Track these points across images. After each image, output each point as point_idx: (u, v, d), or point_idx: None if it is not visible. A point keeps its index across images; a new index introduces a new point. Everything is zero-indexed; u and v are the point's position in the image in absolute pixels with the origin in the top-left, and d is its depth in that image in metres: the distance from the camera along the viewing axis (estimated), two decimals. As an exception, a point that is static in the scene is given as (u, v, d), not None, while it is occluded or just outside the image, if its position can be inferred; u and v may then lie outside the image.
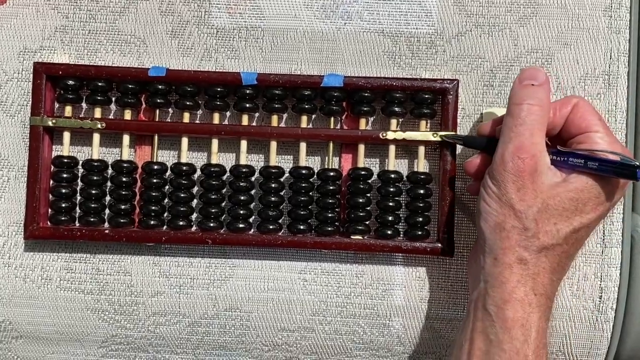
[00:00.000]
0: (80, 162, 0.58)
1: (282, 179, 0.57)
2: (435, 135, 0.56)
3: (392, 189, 0.56)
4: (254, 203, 0.58)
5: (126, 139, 0.58)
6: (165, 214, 0.58)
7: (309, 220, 0.57)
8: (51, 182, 0.58)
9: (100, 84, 0.57)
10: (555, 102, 0.52)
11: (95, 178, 0.57)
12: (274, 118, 0.57)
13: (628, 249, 0.58)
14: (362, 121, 0.58)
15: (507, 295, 0.48)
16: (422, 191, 0.56)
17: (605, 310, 0.58)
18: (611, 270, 0.58)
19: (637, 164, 0.47)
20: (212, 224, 0.57)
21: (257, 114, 0.59)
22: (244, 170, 0.57)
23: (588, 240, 0.57)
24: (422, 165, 0.57)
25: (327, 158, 0.58)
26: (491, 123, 0.54)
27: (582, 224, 0.49)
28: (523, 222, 0.48)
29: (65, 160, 0.57)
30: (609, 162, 0.48)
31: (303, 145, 0.57)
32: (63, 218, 0.57)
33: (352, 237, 0.57)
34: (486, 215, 0.50)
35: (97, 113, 0.57)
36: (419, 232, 0.56)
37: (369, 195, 0.57)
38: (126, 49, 0.59)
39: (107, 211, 0.58)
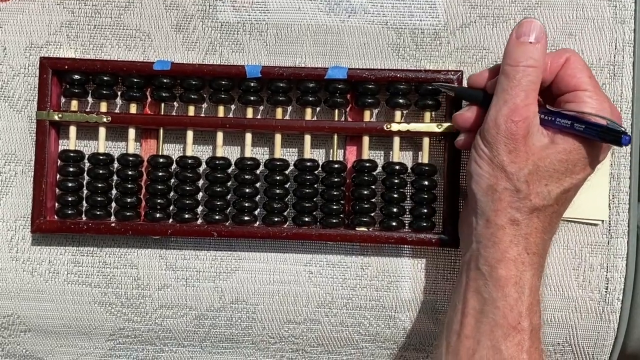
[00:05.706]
0: (87, 156, 0.58)
1: (287, 172, 0.57)
2: (439, 126, 0.56)
3: (396, 181, 0.56)
4: (259, 196, 0.58)
5: (132, 132, 0.58)
6: (171, 207, 0.58)
7: (314, 213, 0.57)
8: (58, 176, 0.58)
9: (105, 78, 0.57)
10: (546, 56, 0.50)
11: (101, 172, 0.57)
12: (279, 111, 0.58)
13: (634, 239, 0.57)
14: (367, 113, 0.58)
15: (500, 255, 0.49)
16: (426, 183, 0.56)
17: (611, 301, 0.57)
18: (617, 261, 0.57)
19: (624, 129, 0.47)
20: (217, 217, 0.57)
21: (261, 107, 0.59)
22: (249, 163, 0.57)
23: (594, 231, 0.57)
24: (426, 156, 0.57)
25: (331, 150, 0.58)
26: (483, 74, 0.53)
27: (572, 185, 0.50)
28: (514, 184, 0.48)
29: (72, 154, 0.57)
30: (595, 125, 0.48)
31: (307, 138, 0.57)
32: (70, 211, 0.57)
33: (357, 229, 0.57)
34: (477, 178, 0.50)
35: (103, 107, 0.58)
36: (424, 224, 0.56)
37: (373, 187, 0.57)
38: (131, 44, 0.59)
39: (113, 204, 0.58)
